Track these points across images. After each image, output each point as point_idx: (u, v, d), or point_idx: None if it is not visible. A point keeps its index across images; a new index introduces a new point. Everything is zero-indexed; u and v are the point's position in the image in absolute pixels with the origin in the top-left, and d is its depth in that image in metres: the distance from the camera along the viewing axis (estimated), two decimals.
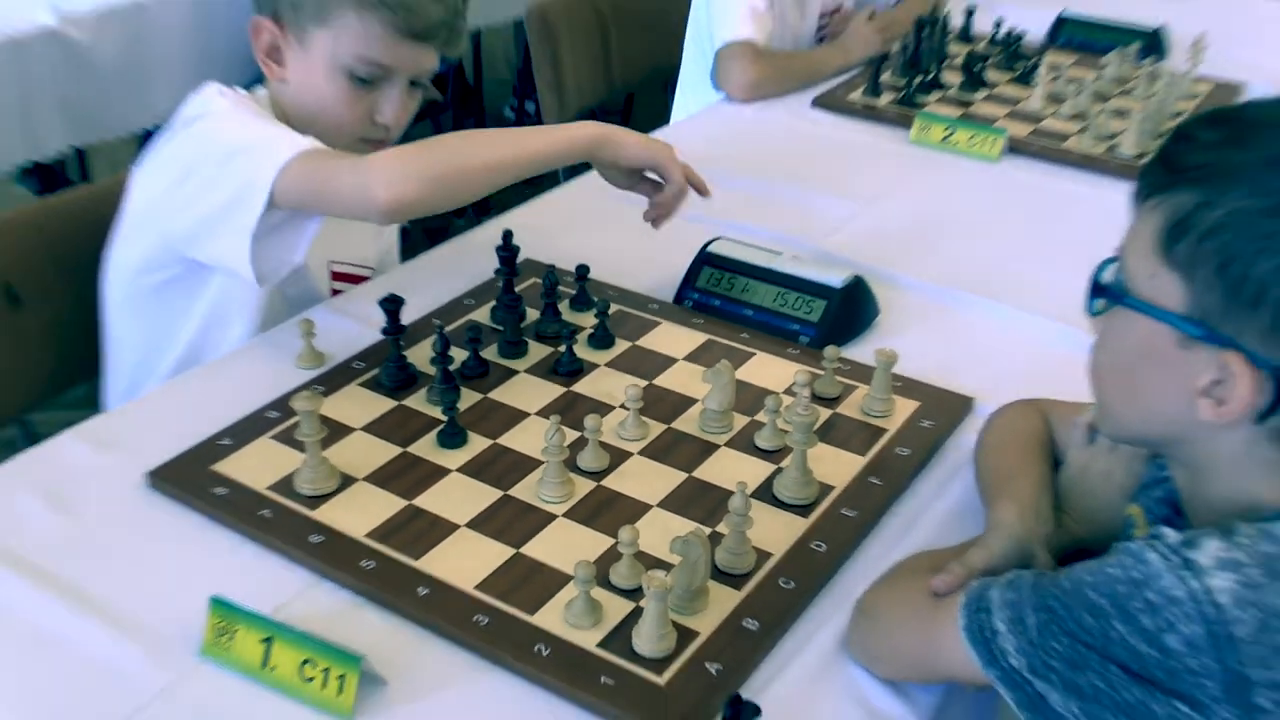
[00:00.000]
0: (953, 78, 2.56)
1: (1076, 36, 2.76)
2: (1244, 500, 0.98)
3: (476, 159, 1.50)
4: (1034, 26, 2.77)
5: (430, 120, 3.76)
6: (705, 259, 1.71)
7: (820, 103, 2.45)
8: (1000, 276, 1.82)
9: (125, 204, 1.63)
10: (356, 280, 1.79)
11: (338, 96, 1.60)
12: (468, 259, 1.78)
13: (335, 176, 1.45)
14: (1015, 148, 2.25)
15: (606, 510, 1.29)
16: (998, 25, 2.73)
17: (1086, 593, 0.95)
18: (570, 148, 1.58)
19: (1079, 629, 0.95)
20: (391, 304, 1.47)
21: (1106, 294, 1.03)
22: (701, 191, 1.68)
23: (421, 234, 3.86)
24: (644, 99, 4.47)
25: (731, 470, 1.35)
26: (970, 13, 2.79)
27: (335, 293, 1.76)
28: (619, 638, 1.13)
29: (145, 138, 2.76)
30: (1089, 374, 1.09)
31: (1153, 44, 2.69)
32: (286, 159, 1.44)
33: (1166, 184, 0.97)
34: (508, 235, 1.64)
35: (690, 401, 1.47)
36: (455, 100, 3.83)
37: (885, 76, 2.52)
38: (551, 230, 1.88)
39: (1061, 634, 0.96)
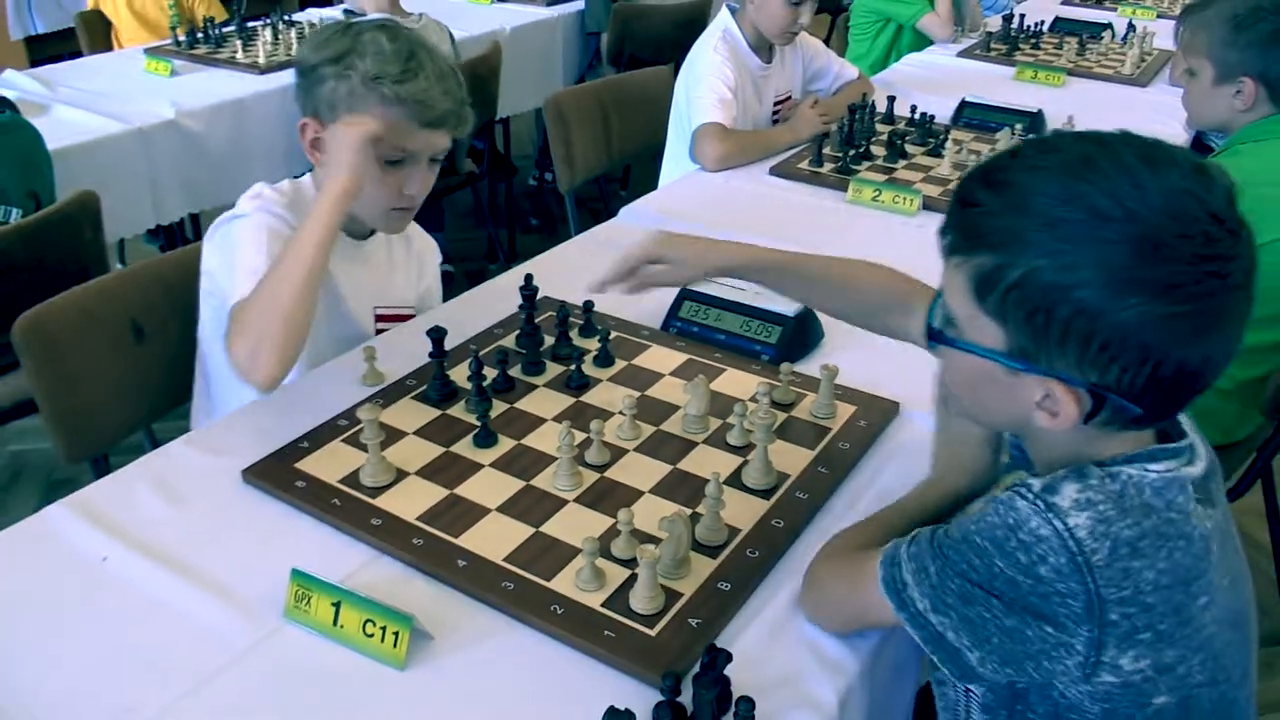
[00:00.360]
0: (879, 150, 2.53)
1: (975, 117, 2.73)
2: (1085, 458, 0.95)
3: (284, 291, 1.36)
4: (942, 110, 2.75)
5: (471, 189, 3.73)
6: (686, 295, 1.68)
7: (775, 171, 2.43)
8: None
9: (200, 266, 1.60)
10: (401, 319, 1.74)
11: (374, 177, 1.52)
12: (497, 297, 1.75)
13: (234, 340, 1.37)
14: (929, 205, 2.21)
15: (608, 496, 1.27)
16: (914, 109, 2.71)
17: (973, 539, 0.93)
18: (331, 210, 1.43)
19: (969, 569, 0.93)
20: (437, 333, 1.44)
21: (941, 339, 0.98)
22: None
23: (463, 276, 3.86)
24: (638, 168, 4.46)
25: (708, 463, 1.33)
26: (892, 100, 2.77)
27: (379, 331, 1.70)
28: (619, 599, 1.11)
29: None
30: (948, 383, 1.04)
31: (1034, 124, 2.66)
32: (239, 297, 1.41)
33: (967, 246, 0.92)
34: (529, 277, 1.61)
35: (674, 408, 1.44)
36: (490, 171, 3.80)
37: (826, 150, 2.50)
38: (564, 273, 1.84)
39: (954, 575, 0.94)
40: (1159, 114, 2.20)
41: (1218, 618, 0.95)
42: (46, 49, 5.29)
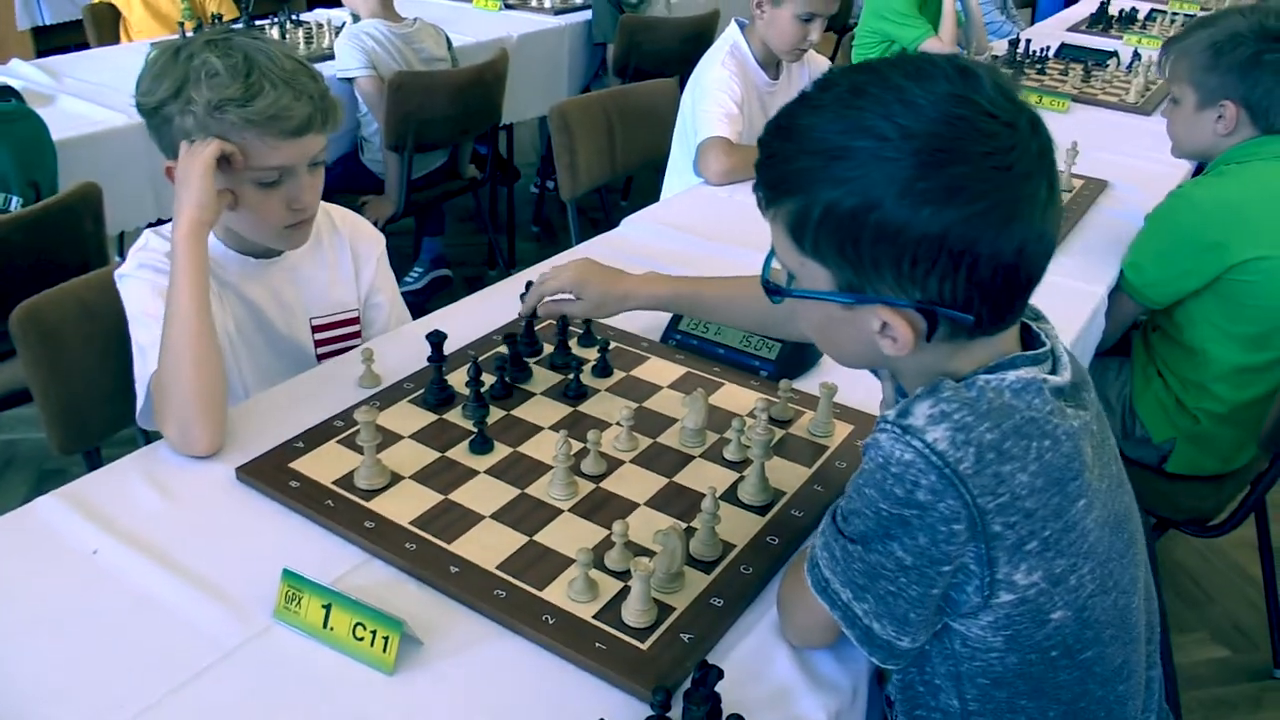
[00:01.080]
0: None
1: None
2: (950, 377, 0.96)
3: (182, 364, 1.32)
4: None
5: (473, 194, 3.73)
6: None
7: None
8: None
9: None
10: (343, 324, 1.68)
11: (253, 202, 1.46)
12: (496, 304, 1.75)
13: (162, 420, 1.35)
14: None
15: (603, 507, 1.26)
16: None
17: (858, 494, 0.95)
18: (189, 251, 1.37)
19: (862, 526, 0.95)
20: (436, 337, 1.44)
21: (779, 292, 1.01)
22: None
23: (461, 281, 3.85)
24: (640, 179, 4.47)
25: (704, 477, 1.32)
26: None
27: (318, 343, 1.65)
28: (611, 611, 1.10)
29: None
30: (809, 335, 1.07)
31: None
32: (150, 373, 1.39)
33: (773, 197, 0.95)
34: (529, 285, 1.60)
35: (672, 421, 1.44)
36: (492, 178, 3.80)
37: None
38: None
39: (851, 543, 0.96)
40: (1163, 141, 2.20)
41: (1100, 520, 0.97)
42: (53, 40, 5.29)
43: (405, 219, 3.39)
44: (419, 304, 3.46)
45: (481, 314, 1.72)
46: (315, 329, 1.65)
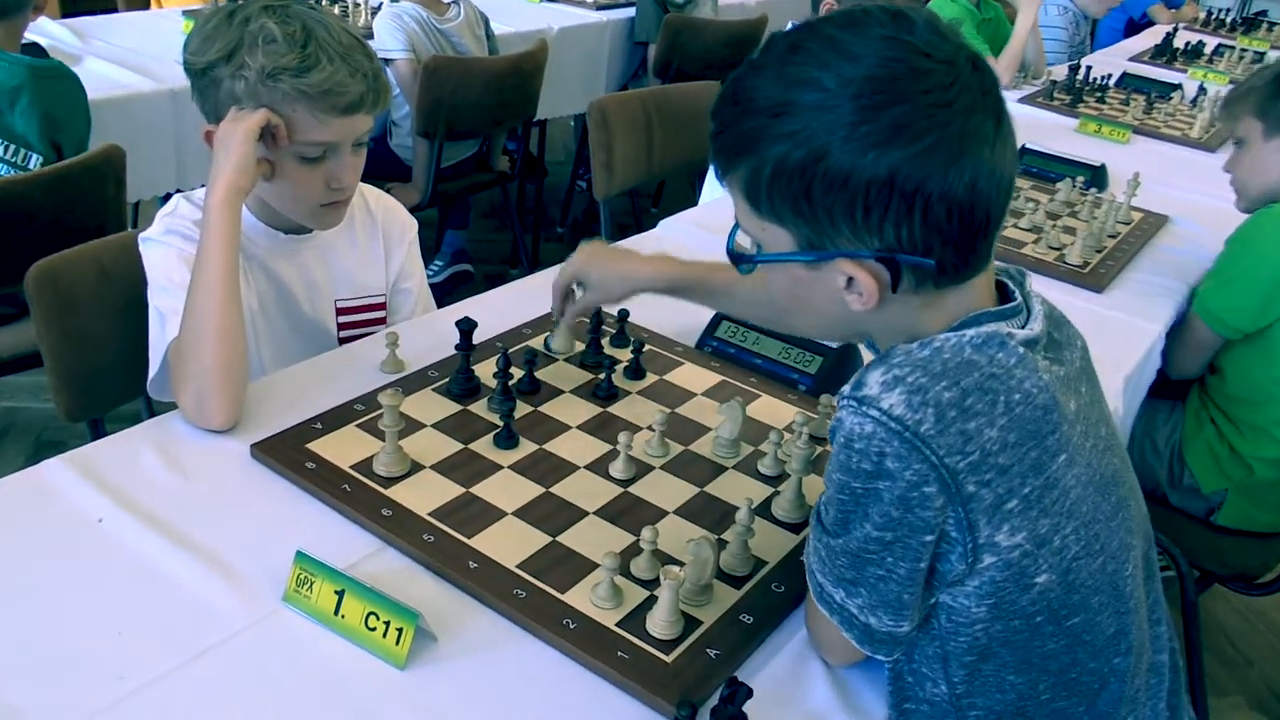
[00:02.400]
0: None
1: (1034, 165, 2.72)
2: (923, 338, 0.97)
3: (206, 335, 1.33)
4: None
5: (501, 189, 3.74)
6: (724, 315, 1.67)
7: None
8: None
9: None
10: (368, 309, 1.68)
11: (293, 176, 1.46)
12: (526, 297, 1.74)
13: (178, 388, 1.35)
14: None
15: (631, 512, 1.25)
16: None
17: (831, 481, 0.96)
18: (223, 217, 1.37)
19: (838, 512, 0.95)
20: (466, 325, 1.43)
21: (744, 259, 1.02)
22: None
23: (482, 279, 3.86)
24: (673, 186, 4.47)
25: (737, 489, 1.32)
26: None
27: (341, 326, 1.65)
28: (635, 620, 1.09)
29: None
30: (780, 312, 1.08)
31: (1096, 178, 2.66)
32: (169, 341, 1.39)
33: (727, 164, 0.97)
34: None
35: (705, 429, 1.43)
36: (521, 174, 3.81)
37: None
38: None
39: (832, 537, 0.97)
40: (1226, 180, 2.19)
41: (1083, 478, 0.97)
42: (81, 2, 5.33)
43: (429, 209, 3.40)
44: (437, 298, 3.46)
45: (509, 307, 1.71)
46: (340, 311, 1.65)
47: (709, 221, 2.23)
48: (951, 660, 1.00)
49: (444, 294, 3.60)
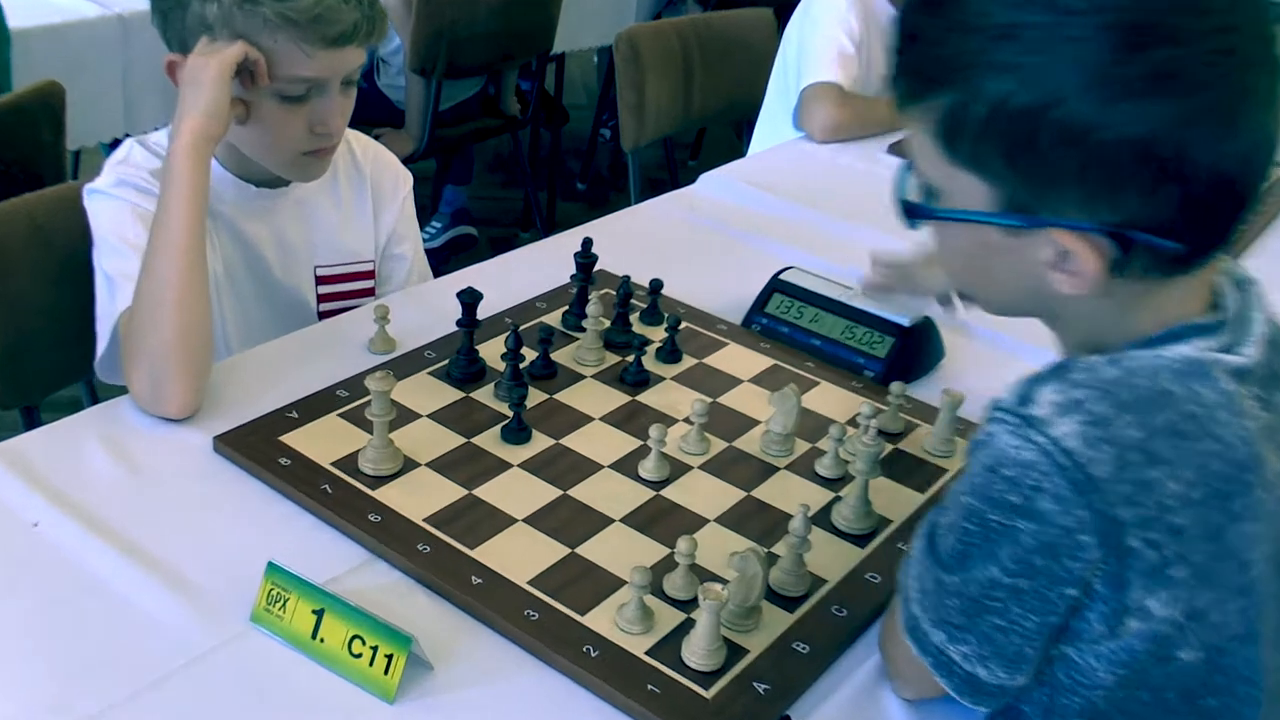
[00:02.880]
0: None
1: None
2: (1122, 340, 0.94)
3: (165, 304, 1.33)
4: None
5: (511, 137, 3.74)
6: (776, 286, 1.67)
7: (894, 150, 2.41)
8: None
9: None
10: (354, 278, 1.69)
11: (271, 119, 1.47)
12: (541, 265, 1.75)
13: (129, 368, 1.35)
14: None
15: (664, 520, 1.26)
16: None
17: (962, 503, 0.93)
18: (189, 166, 1.37)
19: (961, 545, 0.93)
20: (470, 297, 1.44)
21: (918, 213, 0.98)
22: None
23: (487, 243, 3.87)
24: (714, 136, 4.47)
25: (790, 493, 1.32)
26: None
27: (321, 298, 1.67)
28: (668, 647, 1.09)
29: None
30: (945, 272, 1.04)
31: None
32: (120, 311, 1.40)
33: (917, 91, 0.92)
34: (588, 243, 1.60)
35: (753, 423, 1.43)
36: (535, 118, 3.82)
37: None
38: (626, 245, 1.85)
39: (945, 571, 0.94)
40: None
41: (1267, 553, 0.93)
42: None
43: (425, 160, 3.41)
44: (435, 266, 3.47)
45: (519, 277, 1.72)
46: (320, 280, 1.66)
47: (759, 176, 2.23)
48: (1055, 714, 0.98)
49: (442, 261, 3.61)
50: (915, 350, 1.60)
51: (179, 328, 1.33)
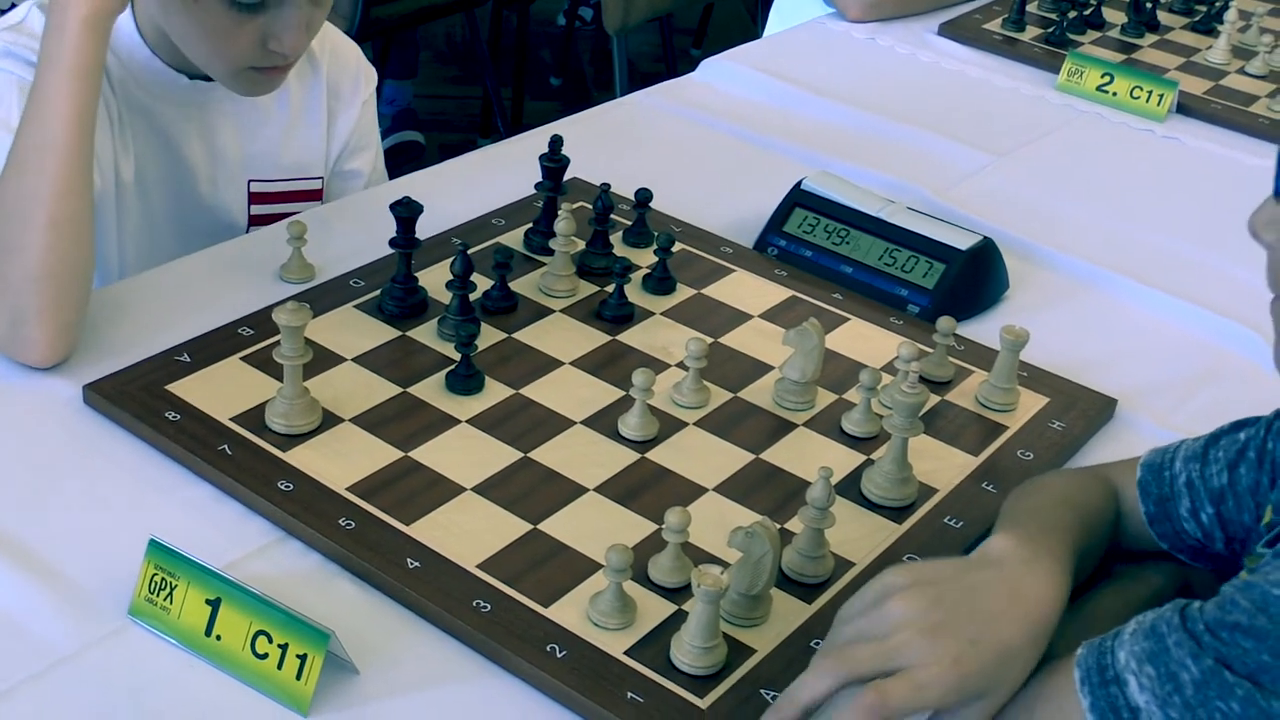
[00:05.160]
0: (1116, 15, 2.51)
1: None
2: None
3: (33, 222, 1.31)
4: None
5: (466, 19, 3.73)
6: (797, 199, 1.67)
7: (949, 30, 2.42)
8: (1158, 258, 1.78)
9: None
10: (295, 197, 1.70)
11: (213, 23, 1.45)
12: (499, 171, 1.75)
13: None
14: (1187, 106, 2.20)
15: (650, 489, 1.27)
16: None
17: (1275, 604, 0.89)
18: (80, 45, 1.34)
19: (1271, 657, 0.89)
20: (407, 210, 1.43)
21: None
22: None
23: (436, 150, 3.87)
24: (722, 16, 4.46)
25: (810, 456, 1.32)
26: None
27: (253, 219, 1.68)
28: (653, 645, 1.10)
29: None
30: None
31: None
32: None
33: None
34: (556, 142, 1.59)
35: (765, 368, 1.44)
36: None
37: (1033, 5, 2.48)
38: (606, 147, 1.85)
39: (1228, 671, 0.90)
40: None
41: None
42: None
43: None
44: None
45: (472, 186, 1.72)
46: (254, 197, 1.68)
47: (774, 64, 2.23)
48: None
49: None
50: (972, 280, 1.61)
51: (48, 253, 1.32)
